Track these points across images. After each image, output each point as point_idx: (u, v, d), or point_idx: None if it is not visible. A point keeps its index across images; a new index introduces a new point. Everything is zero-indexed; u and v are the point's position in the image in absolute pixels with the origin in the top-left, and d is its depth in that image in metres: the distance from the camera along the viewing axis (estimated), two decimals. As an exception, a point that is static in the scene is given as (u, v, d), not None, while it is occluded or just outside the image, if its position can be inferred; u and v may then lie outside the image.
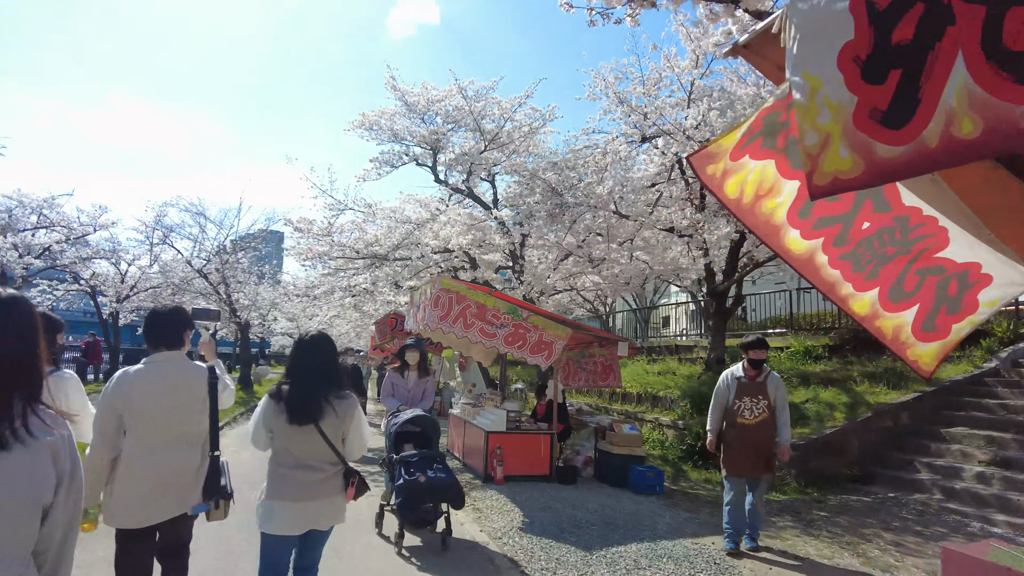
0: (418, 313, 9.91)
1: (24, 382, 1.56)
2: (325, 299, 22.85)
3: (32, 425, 1.51)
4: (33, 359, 1.60)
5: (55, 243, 15.71)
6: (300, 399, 3.02)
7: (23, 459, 1.47)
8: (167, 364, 3.06)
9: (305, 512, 3.00)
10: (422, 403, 6.99)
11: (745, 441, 5.55)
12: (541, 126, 13.24)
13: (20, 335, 1.59)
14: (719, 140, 2.49)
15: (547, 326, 8.19)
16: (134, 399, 2.93)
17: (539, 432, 8.54)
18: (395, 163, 13.15)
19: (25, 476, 1.48)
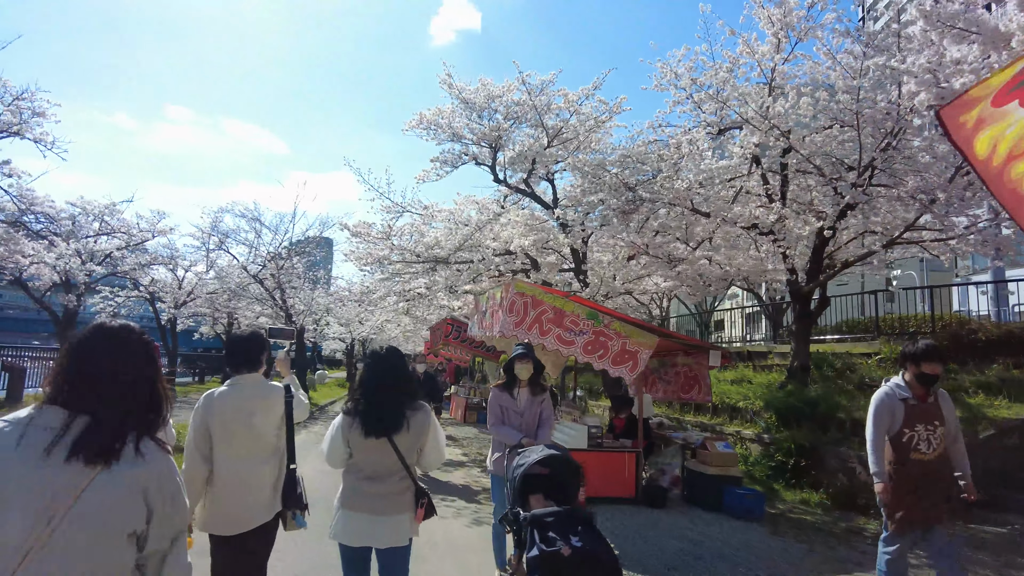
0: (484, 319, 9.31)
1: (139, 409, 1.64)
2: (378, 304, 22.67)
3: (125, 455, 1.55)
4: (146, 388, 1.67)
5: (116, 249, 15.71)
6: (376, 412, 3.04)
7: (120, 486, 1.52)
8: (248, 386, 3.27)
9: (374, 526, 3.01)
10: (540, 433, 5.19)
11: (925, 482, 4.21)
12: (607, 119, 12.51)
13: (134, 365, 1.66)
14: (987, 80, 1.84)
15: (631, 333, 7.47)
16: (221, 419, 3.16)
17: (623, 450, 7.80)
18: (455, 163, 12.62)
19: (119, 504, 1.52)
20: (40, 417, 1.56)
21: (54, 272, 13.88)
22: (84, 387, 1.61)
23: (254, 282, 20.01)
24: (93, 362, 1.64)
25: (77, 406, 1.58)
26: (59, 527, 1.47)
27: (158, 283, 20.13)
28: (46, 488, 1.48)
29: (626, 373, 7.47)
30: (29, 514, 1.46)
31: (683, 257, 10.18)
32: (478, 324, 9.75)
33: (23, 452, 1.50)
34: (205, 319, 28.16)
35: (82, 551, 1.50)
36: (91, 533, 1.50)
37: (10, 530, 1.45)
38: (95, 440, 1.54)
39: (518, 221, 13.22)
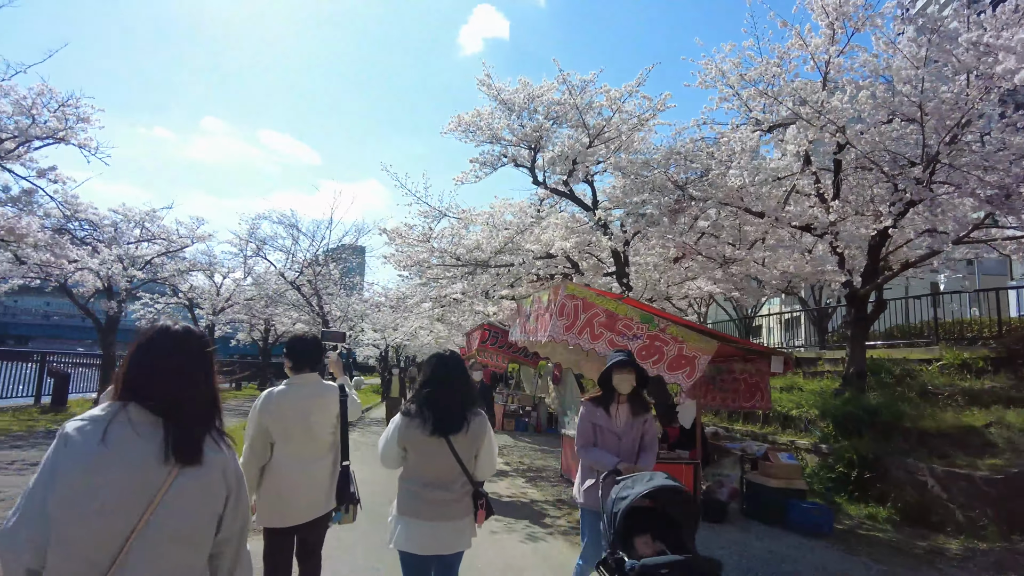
0: (527, 323, 9.01)
1: (212, 407, 1.77)
2: (413, 310, 22.51)
3: (208, 444, 1.68)
4: (214, 387, 1.81)
5: (156, 256, 15.82)
6: (438, 412, 3.01)
7: (204, 475, 1.64)
8: (307, 385, 3.41)
9: (437, 532, 2.97)
10: (643, 459, 4.25)
11: None
12: (650, 117, 12.12)
13: (200, 364, 1.77)
14: None
15: (688, 337, 7.08)
16: (279, 416, 3.29)
17: (680, 461, 7.41)
18: (495, 164, 12.36)
19: (206, 491, 1.65)
20: (121, 414, 1.62)
21: (97, 278, 14.00)
22: (159, 385, 1.68)
23: (291, 288, 20.01)
24: (164, 361, 1.73)
25: (157, 403, 1.66)
26: (153, 516, 1.55)
27: (197, 290, 20.29)
28: (138, 481, 1.55)
29: (683, 380, 7.09)
30: (123, 506, 1.53)
31: (734, 258, 9.73)
32: (520, 329, 9.45)
33: (112, 447, 1.55)
34: (242, 326, 28.42)
35: (177, 539, 1.59)
36: (184, 521, 1.60)
37: (108, 522, 1.51)
38: (190, 440, 1.65)
39: (558, 224, 12.91)
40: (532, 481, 9.37)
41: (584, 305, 7.02)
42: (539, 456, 11.93)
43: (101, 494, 1.51)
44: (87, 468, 1.52)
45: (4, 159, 8.85)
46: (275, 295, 20.37)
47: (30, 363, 14.32)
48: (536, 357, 17.21)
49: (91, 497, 1.50)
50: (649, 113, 12.18)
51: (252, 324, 27.12)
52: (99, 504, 1.50)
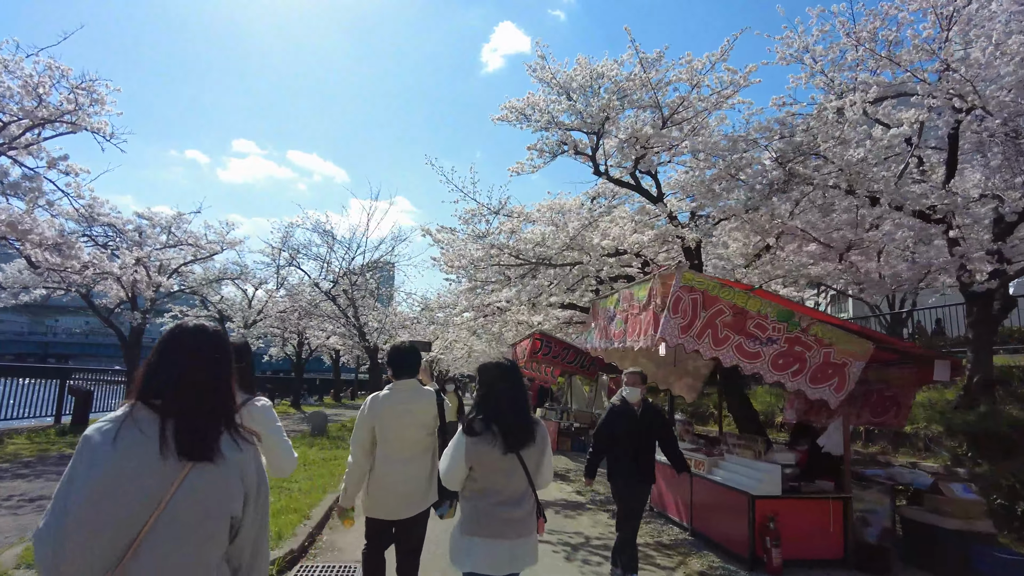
0: (610, 326, 7.58)
1: (221, 404, 1.73)
2: (451, 320, 21.22)
3: (224, 443, 1.65)
4: (226, 383, 1.77)
5: (183, 263, 14.72)
6: (513, 427, 2.88)
7: (218, 474, 1.60)
8: (407, 390, 3.63)
9: (514, 551, 2.86)
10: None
11: None
12: (731, 94, 10.67)
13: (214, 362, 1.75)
14: None
15: (837, 339, 5.58)
16: (383, 418, 3.54)
17: (827, 496, 5.84)
18: (555, 151, 11.00)
19: (219, 490, 1.60)
20: (134, 414, 1.61)
21: (120, 287, 12.94)
22: (173, 384, 1.66)
23: (326, 299, 18.85)
24: (178, 360, 1.71)
25: (169, 403, 1.63)
26: (163, 515, 1.52)
27: (227, 301, 19.22)
28: (149, 479, 1.53)
29: (830, 394, 5.57)
30: (134, 504, 1.51)
31: (858, 243, 8.17)
32: (600, 334, 8.02)
33: (121, 447, 1.55)
34: (275, 340, 27.40)
35: (187, 537, 1.54)
36: (195, 519, 1.55)
37: (118, 520, 1.49)
38: (194, 437, 1.60)
39: (624, 217, 11.51)
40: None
41: (705, 300, 5.56)
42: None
43: (111, 493, 1.50)
44: (100, 468, 1.52)
45: (10, 146, 7.73)
46: (309, 307, 19.20)
47: (52, 381, 13.28)
48: (595, 368, 15.69)
49: (101, 496, 1.49)
50: (730, 89, 10.75)
51: (285, 338, 26.06)
52: (109, 503, 1.49)
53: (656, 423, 5.64)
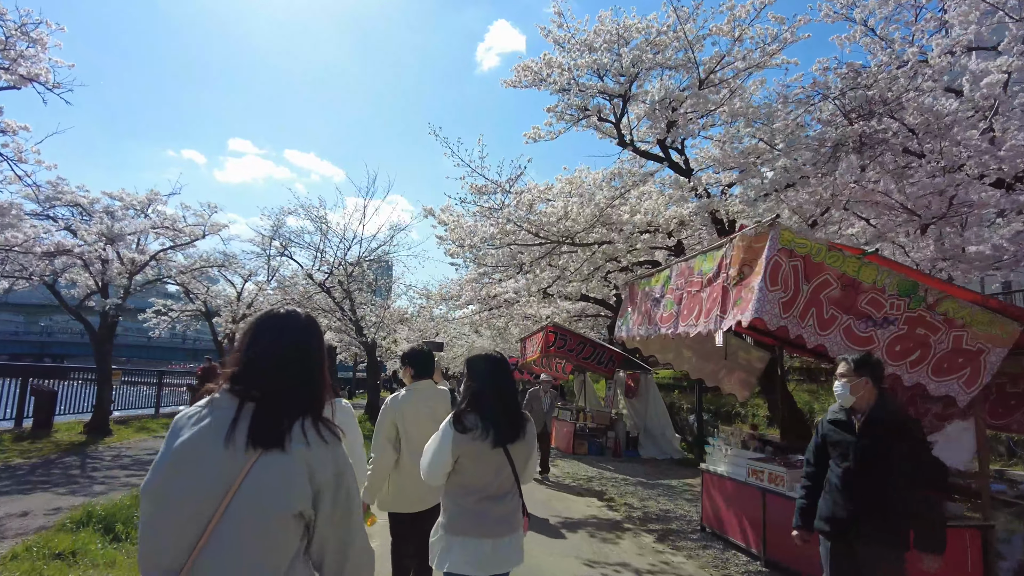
0: (655, 311, 6.26)
1: (307, 393, 1.65)
2: (452, 315, 19.96)
3: (295, 434, 1.56)
4: (313, 372, 1.69)
5: (161, 251, 13.31)
6: (503, 420, 2.80)
7: (285, 466, 1.51)
8: (424, 389, 3.80)
9: (498, 549, 2.76)
10: None
11: None
12: (777, 50, 9.38)
13: (302, 348, 1.69)
14: None
15: (973, 319, 4.26)
16: (405, 417, 3.65)
17: (962, 524, 4.52)
18: (576, 116, 9.69)
19: (283, 482, 1.51)
20: (217, 401, 1.58)
21: (88, 273, 11.57)
22: (254, 372, 1.62)
23: (320, 292, 17.50)
24: (260, 347, 1.66)
25: (248, 390, 1.59)
26: (231, 505, 1.46)
27: (214, 294, 17.84)
28: (219, 468, 1.48)
29: (959, 389, 4.27)
30: (203, 491, 1.46)
31: (947, 212, 6.84)
32: (639, 320, 6.70)
33: (197, 430, 1.52)
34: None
35: (253, 529, 1.47)
36: (260, 511, 1.47)
37: (188, 511, 1.45)
38: (267, 424, 1.54)
39: (652, 192, 10.22)
40: (668, 540, 6.56)
41: (807, 268, 4.24)
42: (648, 494, 9.09)
43: (181, 478, 1.47)
44: (176, 451, 1.50)
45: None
46: (302, 299, 17.81)
47: (13, 380, 11.92)
48: (612, 365, 14.37)
49: (172, 480, 1.47)
50: (775, 45, 9.47)
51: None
52: (179, 489, 1.46)
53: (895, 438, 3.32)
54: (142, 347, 70.11)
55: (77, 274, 12.31)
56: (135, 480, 7.80)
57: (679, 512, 7.93)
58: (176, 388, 19.79)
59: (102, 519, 5.09)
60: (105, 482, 7.78)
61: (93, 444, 10.78)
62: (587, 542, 6.35)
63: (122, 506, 5.41)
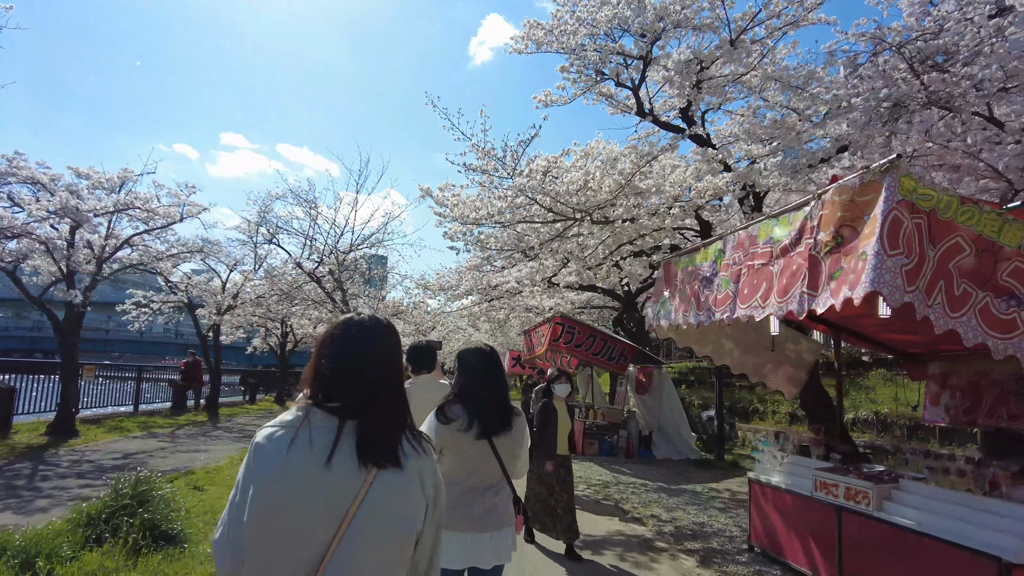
0: (706, 292, 5.24)
1: (401, 404, 1.61)
2: (451, 306, 18.95)
3: (405, 446, 1.52)
4: (402, 382, 1.65)
5: (135, 235, 12.19)
6: (490, 412, 2.80)
7: (403, 482, 1.47)
8: (426, 382, 3.85)
9: (480, 544, 2.71)
10: None
11: None
12: (817, 5, 8.39)
13: (392, 358, 1.63)
14: None
15: None
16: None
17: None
18: (593, 79, 8.65)
19: (405, 500, 1.46)
20: (310, 418, 1.47)
21: (50, 257, 10.46)
22: (347, 384, 1.52)
23: (310, 282, 16.43)
24: (354, 357, 1.56)
25: (350, 404, 1.50)
26: (350, 530, 1.38)
27: (197, 285, 16.73)
28: (328, 492, 1.38)
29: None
30: (314, 519, 1.36)
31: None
32: (682, 305, 5.67)
33: (296, 454, 1.40)
34: (257, 330, 24.92)
35: (374, 551, 1.41)
36: (382, 532, 1.41)
37: (301, 537, 1.36)
38: (379, 440, 1.48)
39: (678, 164, 9.20)
40: (713, 564, 5.54)
41: (933, 226, 3.24)
42: (674, 503, 8.09)
43: (286, 507, 1.36)
44: (276, 478, 1.37)
45: None
46: (290, 288, 16.73)
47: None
48: (624, 360, 13.32)
49: (282, 510, 1.35)
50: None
51: (268, 328, 23.57)
52: (291, 517, 1.35)
53: None
54: (135, 342, 69.10)
55: (41, 259, 11.21)
56: (88, 492, 6.75)
57: (715, 526, 6.92)
58: (158, 383, 18.71)
59: (20, 552, 4.03)
60: (52, 495, 6.72)
61: (54, 447, 9.70)
62: (617, 568, 5.34)
63: (48, 535, 4.34)
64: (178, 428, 13.69)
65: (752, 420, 14.82)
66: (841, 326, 6.22)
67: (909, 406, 9.66)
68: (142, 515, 4.54)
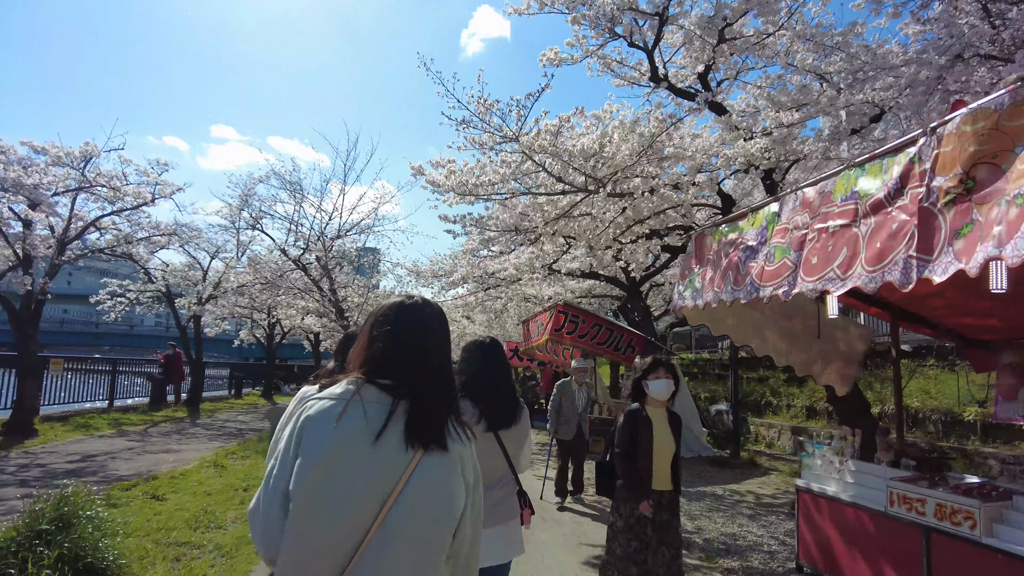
0: (751, 261, 4.36)
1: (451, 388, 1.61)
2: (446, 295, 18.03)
3: (450, 431, 1.51)
4: (450, 365, 1.65)
5: (102, 215, 11.17)
6: (496, 405, 2.75)
7: (448, 465, 1.46)
8: None
9: (488, 539, 2.44)
10: None
11: None
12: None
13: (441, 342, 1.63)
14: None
15: None
16: None
17: None
18: (606, 35, 7.73)
19: (449, 483, 1.45)
20: (362, 393, 1.45)
21: (5, 241, 9.48)
22: (398, 362, 1.52)
23: (296, 269, 15.50)
24: (411, 338, 1.56)
25: (404, 384, 1.49)
26: (394, 511, 1.37)
27: (175, 273, 15.75)
28: (375, 469, 1.37)
29: None
30: (360, 495, 1.35)
31: None
32: (715, 280, 4.78)
33: (346, 429, 1.38)
34: (243, 322, 23.94)
35: (415, 536, 1.39)
36: (426, 515, 1.40)
37: (341, 514, 1.34)
38: (428, 421, 1.47)
39: (695, 135, 8.32)
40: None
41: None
42: (698, 510, 7.24)
43: (336, 483, 1.34)
44: (321, 450, 1.35)
45: None
46: (273, 277, 15.76)
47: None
48: (632, 351, 12.44)
49: (326, 486, 1.33)
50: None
51: (254, 319, 22.57)
52: (331, 492, 1.33)
53: None
54: (125, 335, 68.05)
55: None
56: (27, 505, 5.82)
57: (749, 538, 6.07)
58: (135, 376, 17.75)
59: None
60: (-16, 507, 5.80)
61: (5, 449, 8.76)
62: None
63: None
64: (153, 425, 12.77)
65: (765, 414, 14.00)
66: (900, 308, 5.36)
67: (975, 401, 8.82)
68: (62, 544, 3.63)
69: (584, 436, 8.03)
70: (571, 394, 7.66)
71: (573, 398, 7.64)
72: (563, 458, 7.71)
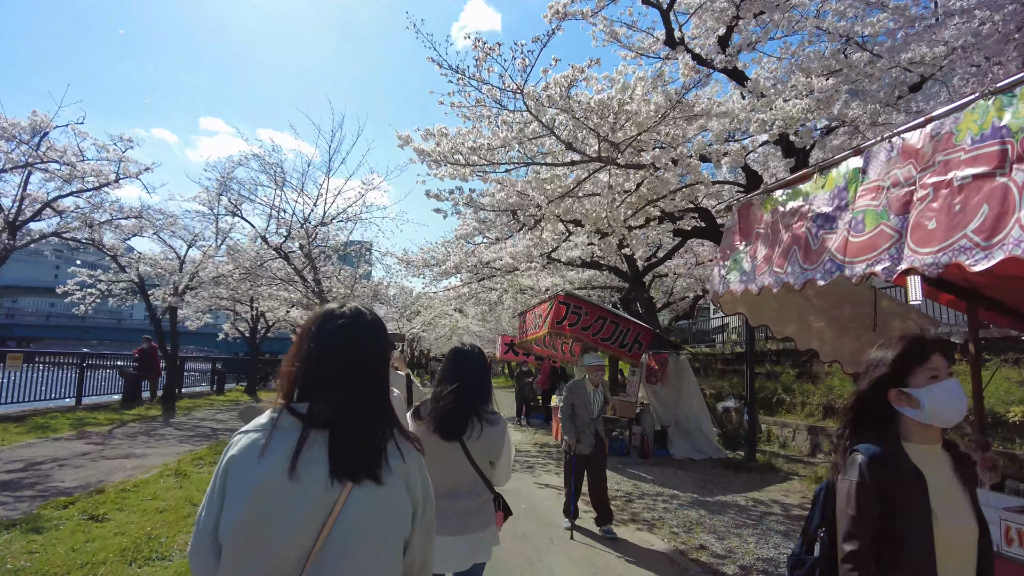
0: (825, 231, 3.44)
1: (386, 408, 1.45)
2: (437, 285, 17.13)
3: (390, 452, 1.38)
4: (387, 383, 1.50)
5: (59, 196, 10.18)
6: (452, 411, 2.67)
7: (385, 492, 1.33)
8: None
9: (455, 547, 2.58)
10: None
11: None
12: None
13: (379, 357, 1.48)
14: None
15: None
16: None
17: None
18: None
19: (388, 511, 1.34)
20: (280, 422, 1.32)
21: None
22: (323, 386, 1.36)
23: (277, 258, 14.52)
24: (333, 354, 1.39)
25: (321, 409, 1.33)
26: (325, 548, 1.26)
27: (146, 261, 14.75)
28: (303, 505, 1.25)
29: None
30: (290, 532, 1.24)
31: None
32: (772, 257, 3.87)
33: (270, 464, 1.26)
34: (225, 314, 22.90)
35: (358, 563, 1.28)
36: (364, 546, 1.29)
37: (277, 549, 1.23)
38: (355, 451, 1.32)
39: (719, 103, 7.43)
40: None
41: None
42: (721, 525, 6.38)
43: (265, 524, 1.23)
44: (249, 495, 1.23)
45: None
46: (254, 266, 14.77)
47: None
48: (638, 348, 11.54)
49: (255, 529, 1.23)
50: None
51: (237, 312, 21.57)
52: (264, 536, 1.23)
53: None
54: (112, 328, 67.21)
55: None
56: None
57: (772, 554, 5.20)
58: (105, 370, 16.71)
59: None
60: None
61: (-61, 456, 7.80)
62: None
63: None
64: (120, 425, 11.79)
65: (778, 413, 13.16)
66: (982, 295, 4.48)
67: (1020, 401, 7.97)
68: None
69: (604, 447, 6.45)
70: (585, 397, 6.27)
71: (588, 402, 6.26)
72: (577, 475, 6.24)
